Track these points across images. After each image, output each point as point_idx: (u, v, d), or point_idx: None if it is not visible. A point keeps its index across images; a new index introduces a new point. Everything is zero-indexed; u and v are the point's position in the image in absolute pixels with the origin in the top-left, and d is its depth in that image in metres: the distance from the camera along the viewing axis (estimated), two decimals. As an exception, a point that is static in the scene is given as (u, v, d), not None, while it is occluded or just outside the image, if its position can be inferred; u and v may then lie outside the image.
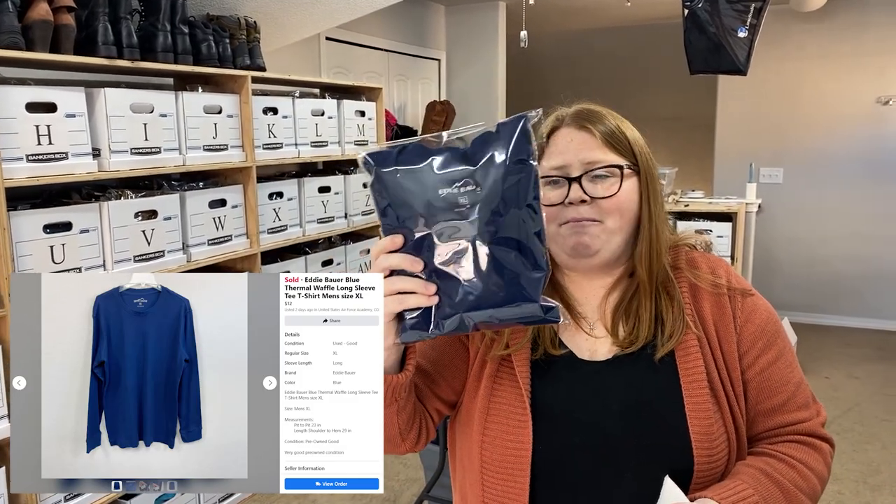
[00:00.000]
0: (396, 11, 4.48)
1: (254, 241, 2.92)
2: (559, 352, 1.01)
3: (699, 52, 3.87)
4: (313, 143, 3.25)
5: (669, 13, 5.22)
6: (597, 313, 1.04)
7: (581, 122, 1.01)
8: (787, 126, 5.26)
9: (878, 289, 5.15)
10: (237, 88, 2.80)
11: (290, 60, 3.64)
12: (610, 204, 0.97)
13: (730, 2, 3.79)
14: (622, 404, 0.97)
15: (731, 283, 1.03)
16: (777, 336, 1.02)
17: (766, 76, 5.14)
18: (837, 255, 5.25)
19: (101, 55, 2.22)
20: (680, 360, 0.98)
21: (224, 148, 2.74)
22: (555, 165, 0.99)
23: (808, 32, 5.09)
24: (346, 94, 3.57)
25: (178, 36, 2.49)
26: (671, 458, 0.94)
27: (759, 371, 1.00)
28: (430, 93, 5.07)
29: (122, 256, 2.33)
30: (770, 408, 0.99)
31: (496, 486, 0.99)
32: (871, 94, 4.99)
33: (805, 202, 5.26)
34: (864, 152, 5.08)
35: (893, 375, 4.30)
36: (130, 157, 2.35)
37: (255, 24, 2.88)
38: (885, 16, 4.79)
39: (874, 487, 2.99)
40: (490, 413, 1.00)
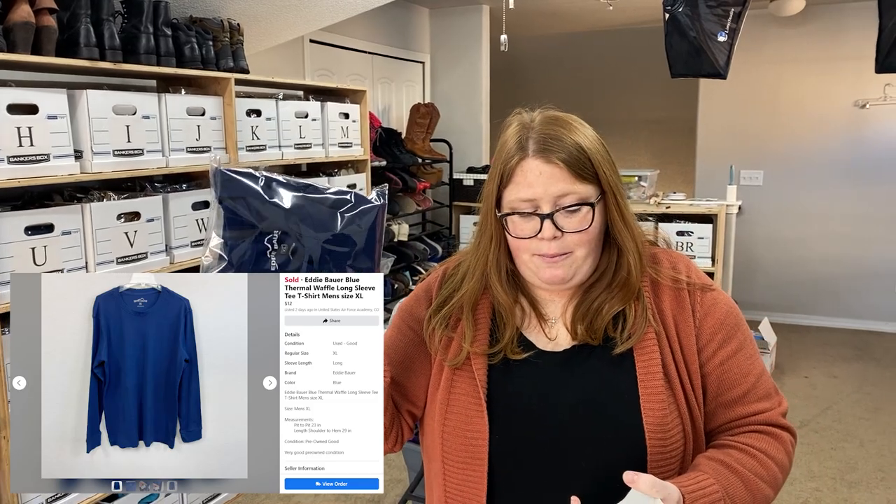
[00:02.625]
0: (380, 14, 4.49)
1: (237, 242, 2.92)
2: (520, 355, 1.04)
3: (680, 55, 3.92)
4: (297, 146, 3.25)
5: (650, 17, 5.27)
6: (558, 313, 1.07)
7: (547, 154, 0.98)
8: (767, 129, 5.33)
9: (856, 289, 5.23)
10: (220, 90, 2.80)
11: (274, 63, 3.64)
12: (582, 236, 0.99)
13: (710, 6, 3.84)
14: (577, 396, 1.00)
15: (692, 278, 1.06)
16: (737, 329, 1.04)
17: (747, 80, 5.21)
18: (816, 256, 5.32)
19: (84, 57, 2.22)
20: (637, 353, 1.00)
21: (207, 150, 2.74)
22: (524, 198, 0.98)
23: (786, 37, 5.17)
24: (330, 97, 3.58)
25: (160, 38, 2.49)
26: (625, 447, 0.97)
27: (719, 364, 1.02)
28: (414, 95, 5.09)
29: (104, 258, 2.33)
30: (731, 399, 1.02)
31: (457, 475, 1.03)
32: (848, 98, 5.07)
33: (784, 204, 5.33)
34: (841, 155, 5.17)
35: (871, 374, 4.37)
36: (113, 158, 2.35)
37: (238, 26, 2.88)
38: (861, 20, 4.87)
39: (851, 484, 3.04)
40: (449, 405, 1.04)
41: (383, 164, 4.07)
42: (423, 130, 4.50)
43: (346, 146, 3.59)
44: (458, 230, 4.88)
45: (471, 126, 5.10)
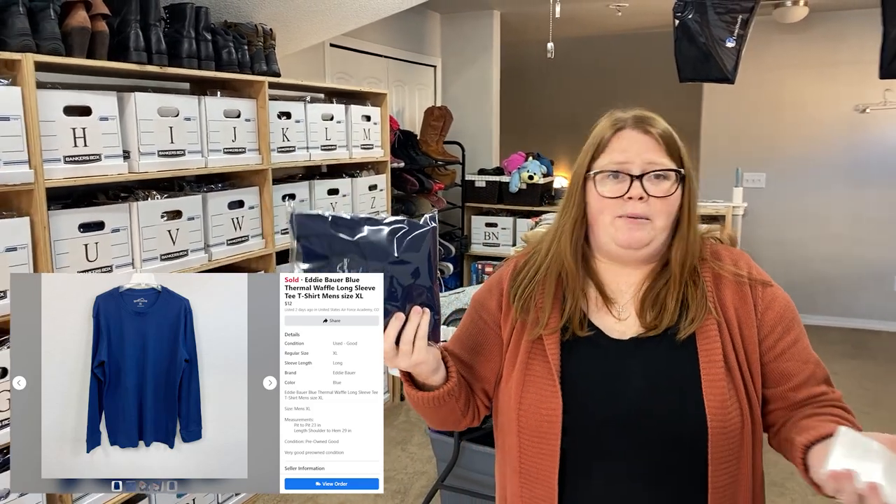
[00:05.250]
0: (395, 19, 4.59)
1: (269, 241, 3.01)
2: (586, 332, 1.12)
3: (689, 60, 4.02)
4: (323, 147, 3.34)
5: (658, 23, 5.39)
6: (626, 298, 1.15)
7: (644, 125, 1.11)
8: (770, 132, 5.46)
9: (854, 289, 5.37)
10: (254, 93, 2.89)
11: (297, 66, 3.73)
12: (663, 205, 1.08)
13: (718, 13, 3.95)
14: (645, 379, 1.08)
15: (753, 274, 1.15)
16: (795, 322, 1.13)
17: (749, 84, 5.33)
18: (816, 256, 5.45)
19: (133, 61, 2.31)
20: (700, 341, 1.08)
21: (242, 151, 2.83)
22: (617, 161, 1.09)
23: (789, 43, 5.30)
24: (351, 100, 3.67)
25: (201, 42, 2.58)
26: (688, 427, 1.05)
27: (780, 353, 1.11)
28: (427, 98, 5.18)
29: (149, 255, 2.41)
30: (796, 385, 1.11)
31: (531, 448, 1.11)
32: (849, 102, 5.21)
33: (786, 206, 5.46)
34: (841, 158, 5.31)
35: (870, 371, 4.50)
36: (158, 159, 2.43)
37: (270, 31, 2.97)
38: (862, 27, 5.01)
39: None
40: (525, 385, 1.12)
41: (401, 166, 4.16)
42: (436, 133, 4.60)
43: (368, 148, 3.68)
44: (469, 230, 4.98)
45: (482, 129, 5.20)
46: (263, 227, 2.99)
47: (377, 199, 3.76)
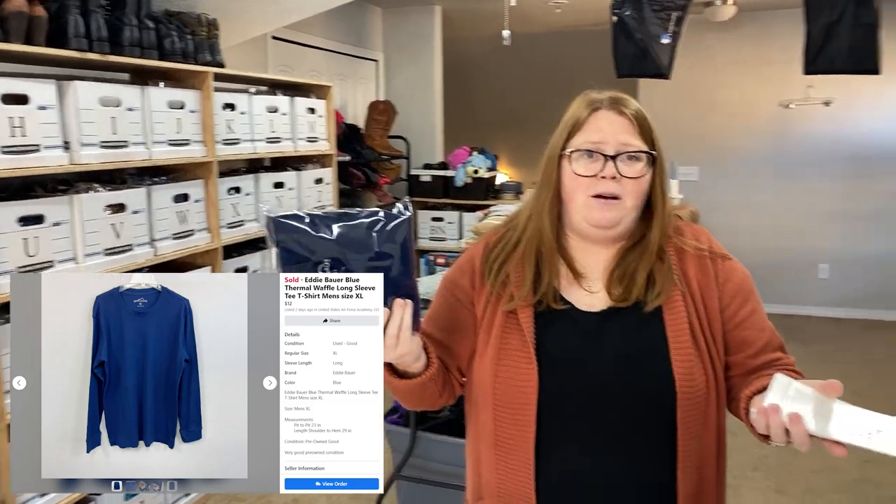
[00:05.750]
0: (337, 13, 4.55)
1: (215, 235, 2.94)
2: (560, 306, 1.16)
3: (626, 57, 4.13)
4: (268, 140, 3.30)
5: (597, 20, 5.51)
6: (595, 274, 1.19)
7: (619, 107, 1.14)
8: (702, 127, 5.67)
9: (783, 277, 5.62)
10: (198, 84, 2.82)
11: (239, 58, 3.65)
12: (634, 185, 1.12)
13: (654, 10, 4.06)
14: (615, 349, 1.12)
15: (713, 248, 1.21)
16: (752, 293, 1.20)
17: (683, 81, 5.51)
18: (748, 246, 5.67)
19: (73, 48, 2.22)
20: (667, 312, 1.13)
21: (187, 143, 2.76)
22: (592, 140, 1.12)
23: (719, 41, 5.51)
24: (296, 92, 3.63)
25: (143, 31, 2.51)
26: (658, 394, 1.10)
27: (740, 321, 1.17)
28: (369, 93, 5.16)
29: (92, 250, 2.33)
30: (755, 351, 1.17)
31: (507, 419, 1.13)
32: (774, 98, 5.46)
33: (718, 198, 5.68)
34: (768, 151, 5.56)
35: (800, 354, 4.64)
36: (100, 150, 2.35)
37: (214, 20, 2.91)
38: (788, 27, 5.23)
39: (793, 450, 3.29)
40: (500, 359, 1.14)
41: (347, 159, 4.14)
42: (381, 127, 4.59)
43: (314, 141, 3.65)
44: (415, 225, 4.99)
45: (425, 124, 5.22)
46: (209, 221, 2.93)
47: (323, 193, 3.73)
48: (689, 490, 1.11)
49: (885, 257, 5.48)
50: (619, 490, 1.10)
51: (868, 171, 5.39)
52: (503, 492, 1.14)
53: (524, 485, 1.12)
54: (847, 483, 3.05)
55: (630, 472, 1.10)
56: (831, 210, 5.52)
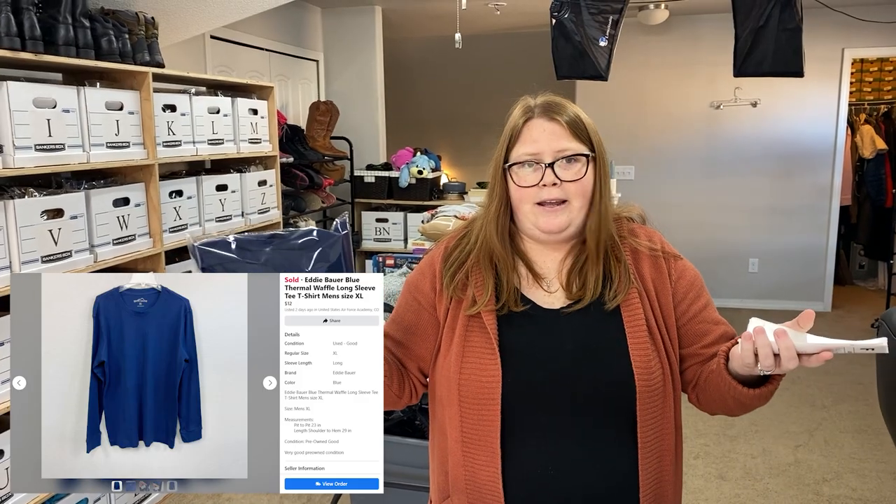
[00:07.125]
0: (276, 12, 4.49)
1: (157, 240, 2.87)
2: (521, 307, 1.20)
3: (565, 58, 4.21)
4: (210, 141, 3.23)
5: (536, 22, 5.61)
6: (553, 274, 1.24)
7: (550, 113, 1.18)
8: (637, 128, 5.83)
9: (714, 271, 5.85)
10: (137, 85, 2.74)
11: (177, 58, 3.57)
12: (577, 186, 1.16)
13: (592, 13, 4.16)
14: (576, 344, 1.17)
15: (665, 249, 1.27)
16: (703, 290, 1.26)
17: (618, 82, 5.67)
18: (682, 241, 5.85)
19: (5, 47, 2.13)
20: (624, 310, 1.18)
21: (126, 145, 2.68)
22: (529, 151, 1.17)
23: (652, 44, 5.69)
24: (237, 93, 3.56)
25: (79, 29, 2.42)
26: (617, 385, 1.14)
27: (693, 316, 1.23)
28: (310, 94, 5.11)
29: (29, 257, 2.24)
30: (709, 342, 1.23)
31: (473, 416, 1.16)
32: (705, 100, 5.67)
33: (653, 196, 5.85)
34: (700, 151, 5.76)
35: (734, 344, 4.92)
36: (35, 153, 2.26)
37: (153, 19, 2.83)
38: (715, 30, 5.46)
39: (732, 438, 3.46)
40: (465, 356, 1.17)
41: (290, 161, 4.08)
42: (323, 128, 4.55)
43: (256, 142, 3.59)
44: (360, 226, 4.96)
45: (368, 124, 5.19)
46: (151, 226, 2.85)
47: (267, 195, 3.67)
48: (649, 477, 1.15)
49: (807, 250, 5.76)
50: (584, 479, 1.14)
51: (791, 169, 5.66)
52: (471, 487, 1.16)
53: (491, 478, 1.14)
54: (782, 466, 3.20)
55: (594, 463, 1.14)
56: (760, 206, 5.76)
